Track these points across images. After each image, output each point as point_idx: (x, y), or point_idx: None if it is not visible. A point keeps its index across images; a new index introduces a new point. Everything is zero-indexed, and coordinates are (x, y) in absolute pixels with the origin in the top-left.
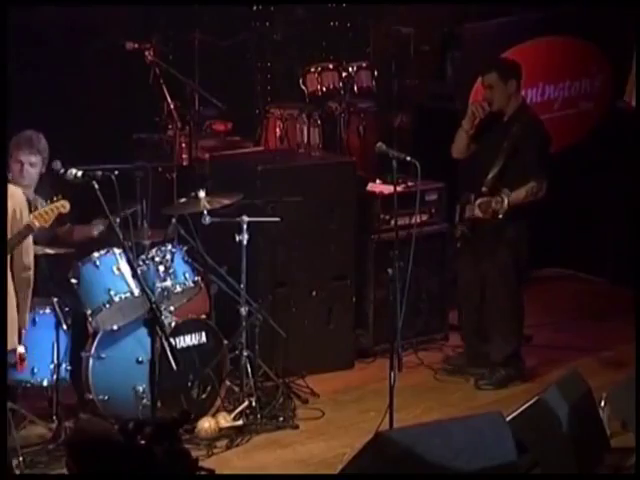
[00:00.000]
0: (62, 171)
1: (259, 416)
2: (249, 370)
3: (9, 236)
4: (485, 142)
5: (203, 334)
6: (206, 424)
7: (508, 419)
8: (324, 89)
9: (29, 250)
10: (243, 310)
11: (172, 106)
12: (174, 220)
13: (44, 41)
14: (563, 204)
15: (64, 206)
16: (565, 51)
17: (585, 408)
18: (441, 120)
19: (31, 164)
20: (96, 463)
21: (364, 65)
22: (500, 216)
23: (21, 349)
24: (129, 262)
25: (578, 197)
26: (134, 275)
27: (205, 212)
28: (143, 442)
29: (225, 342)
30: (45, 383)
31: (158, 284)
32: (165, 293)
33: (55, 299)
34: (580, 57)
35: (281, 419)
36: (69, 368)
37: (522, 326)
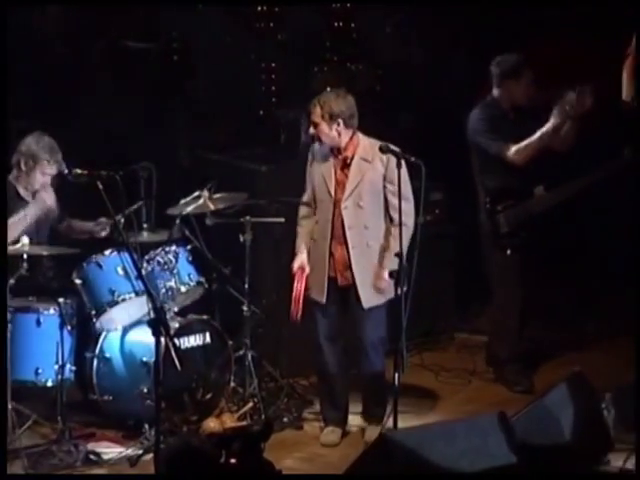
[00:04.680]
0: (66, 171)
1: (263, 417)
2: (253, 371)
3: None
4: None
5: (207, 334)
6: (211, 424)
7: (512, 419)
8: (328, 89)
9: None
10: (247, 311)
11: None
12: (178, 220)
13: (47, 41)
14: (564, 203)
15: None
16: (566, 51)
17: (589, 409)
18: (447, 120)
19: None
20: (185, 471)
21: (368, 65)
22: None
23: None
24: (133, 262)
25: (579, 196)
26: (138, 275)
27: (209, 213)
28: (232, 457)
29: (230, 342)
30: (49, 383)
31: (162, 284)
32: (169, 293)
33: (60, 299)
34: (581, 57)
35: (285, 420)
36: (73, 369)
37: None
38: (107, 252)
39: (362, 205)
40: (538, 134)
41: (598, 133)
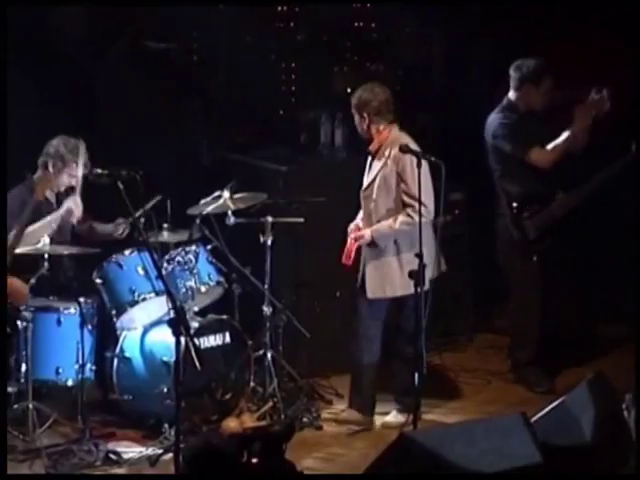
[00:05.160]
0: (87, 171)
1: (283, 417)
2: (273, 370)
3: None
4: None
5: (227, 334)
6: (231, 424)
7: (532, 420)
8: (348, 89)
9: None
10: (267, 310)
11: None
12: (198, 220)
13: (67, 43)
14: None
15: None
16: (580, 53)
17: (610, 409)
18: (466, 121)
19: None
20: (205, 471)
21: (388, 65)
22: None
23: None
24: (153, 262)
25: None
26: (158, 275)
27: (229, 212)
28: (254, 457)
29: (249, 342)
30: (70, 383)
31: (182, 284)
32: (189, 293)
33: (80, 299)
34: (597, 57)
35: (305, 420)
36: (94, 368)
37: None
38: (127, 252)
39: (375, 199)
40: (564, 136)
41: (606, 134)
